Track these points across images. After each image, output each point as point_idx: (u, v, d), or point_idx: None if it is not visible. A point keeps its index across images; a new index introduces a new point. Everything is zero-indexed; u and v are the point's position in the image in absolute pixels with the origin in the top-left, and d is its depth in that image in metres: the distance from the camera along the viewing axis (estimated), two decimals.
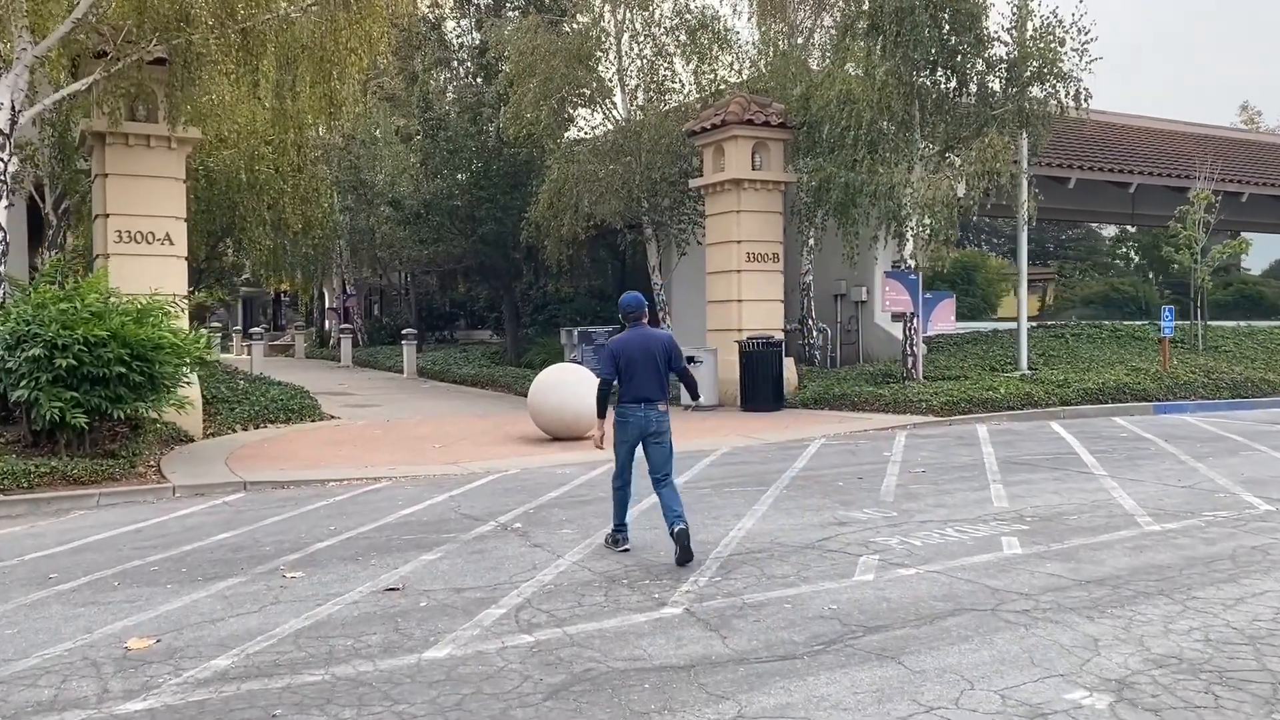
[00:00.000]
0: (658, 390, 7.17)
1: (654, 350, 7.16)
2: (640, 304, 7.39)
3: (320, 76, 13.30)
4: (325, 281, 38.96)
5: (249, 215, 16.83)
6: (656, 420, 7.15)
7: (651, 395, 7.14)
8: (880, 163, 15.62)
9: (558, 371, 13.51)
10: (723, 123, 17.19)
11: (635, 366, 7.13)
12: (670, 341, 7.34)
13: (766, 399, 16.27)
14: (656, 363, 7.15)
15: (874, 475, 10.39)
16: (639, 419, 7.15)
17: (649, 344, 7.19)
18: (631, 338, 7.22)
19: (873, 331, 21.33)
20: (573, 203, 18.50)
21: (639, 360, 7.13)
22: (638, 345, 7.18)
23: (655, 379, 7.17)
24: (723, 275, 17.65)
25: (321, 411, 15.86)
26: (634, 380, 7.14)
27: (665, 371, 7.22)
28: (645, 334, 7.26)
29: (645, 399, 7.14)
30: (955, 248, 15.62)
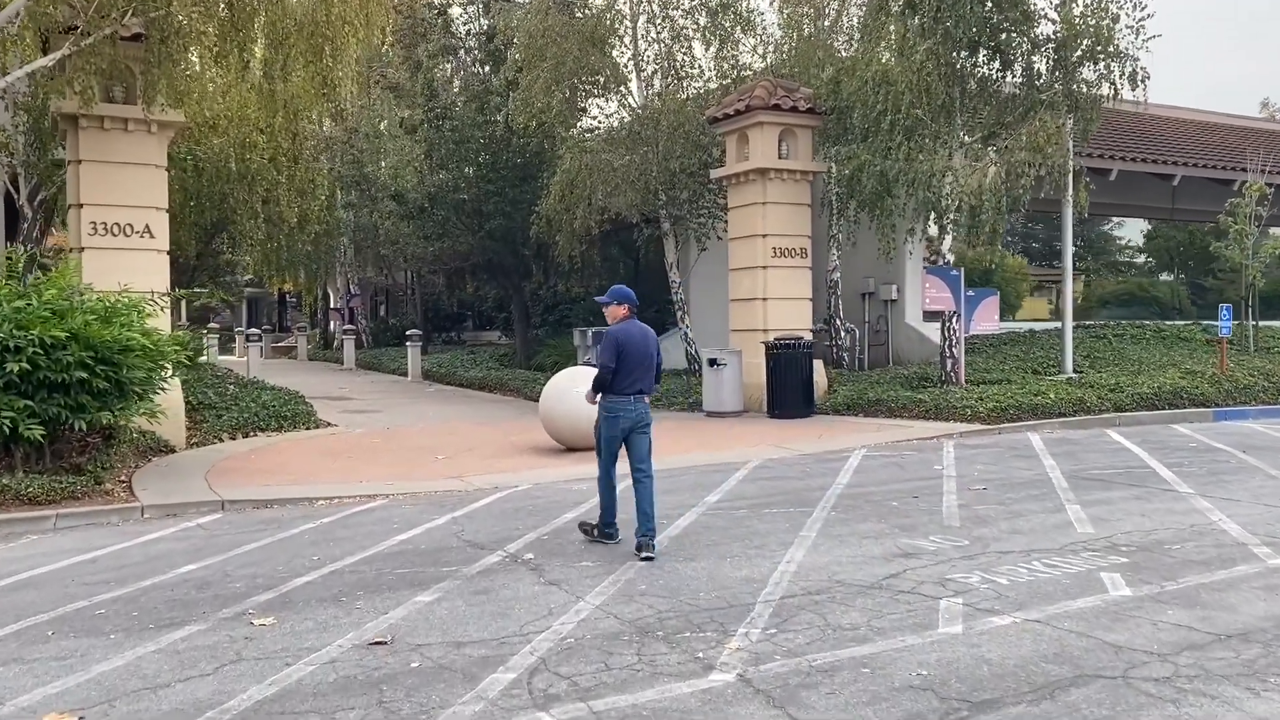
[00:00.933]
0: (650, 383, 7.39)
1: (649, 343, 7.33)
2: (634, 297, 7.58)
3: (313, 55, 12.19)
4: (330, 281, 37.93)
5: (240, 208, 15.71)
6: (646, 412, 7.37)
7: (645, 388, 7.33)
8: (919, 149, 14.45)
9: (570, 376, 12.39)
10: (747, 108, 16.04)
11: (633, 359, 7.23)
12: (655, 336, 7.51)
13: (796, 404, 15.11)
14: (651, 356, 7.31)
15: (930, 494, 9.23)
16: (632, 411, 7.27)
17: (645, 337, 7.35)
18: (632, 330, 7.32)
19: (904, 332, 20.14)
20: (585, 195, 17.37)
21: (637, 353, 7.24)
22: (638, 338, 7.30)
23: (648, 372, 7.34)
24: (746, 272, 16.50)
25: (317, 418, 14.76)
26: (633, 373, 7.24)
27: (654, 365, 7.37)
28: (641, 327, 7.38)
29: (639, 391, 7.29)
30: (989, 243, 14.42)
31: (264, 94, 12.64)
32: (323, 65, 11.98)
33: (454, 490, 10.01)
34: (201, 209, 15.88)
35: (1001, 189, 13.69)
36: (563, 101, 17.46)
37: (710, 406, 15.67)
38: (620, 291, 7.53)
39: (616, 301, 7.44)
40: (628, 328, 7.31)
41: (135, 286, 11.32)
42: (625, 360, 7.19)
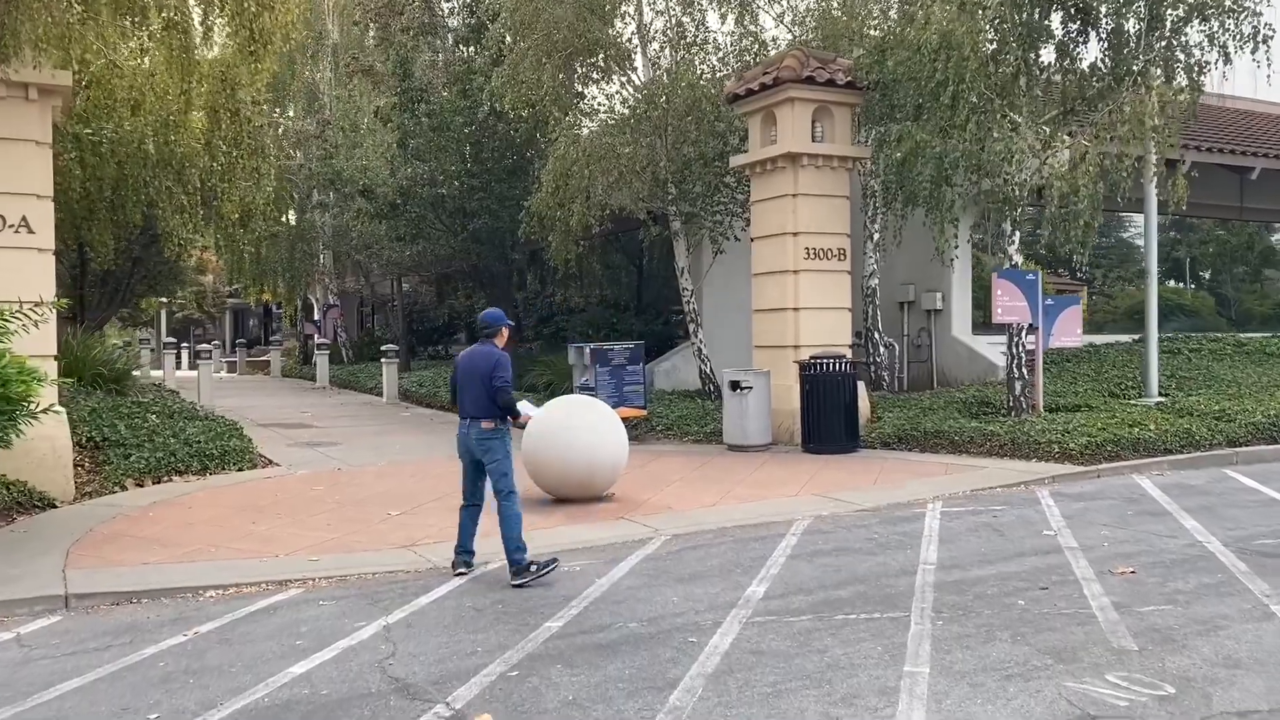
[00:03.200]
0: (475, 406, 7.13)
1: (475, 366, 7.13)
2: (497, 320, 7.41)
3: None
4: (311, 291, 35.29)
5: (162, 199, 13.05)
6: (474, 436, 7.13)
7: (473, 411, 7.13)
8: (990, 127, 11.83)
9: (563, 407, 9.73)
10: (775, 81, 13.42)
11: (462, 383, 7.19)
12: (494, 357, 7.16)
13: (837, 436, 12.46)
14: (478, 378, 7.07)
15: (1062, 581, 6.57)
16: (464, 435, 7.19)
17: (473, 359, 7.20)
18: (472, 354, 7.27)
19: (950, 347, 17.50)
20: (583, 187, 14.73)
21: (464, 377, 7.17)
22: (466, 362, 7.23)
23: (472, 395, 7.12)
24: (774, 277, 13.85)
25: (254, 455, 12.10)
26: (461, 396, 7.21)
27: (488, 387, 7.05)
28: (482, 350, 7.22)
29: (469, 415, 7.14)
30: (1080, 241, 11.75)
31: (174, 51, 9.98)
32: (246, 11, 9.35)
33: (399, 570, 7.35)
34: (122, 202, 13.23)
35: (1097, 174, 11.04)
36: (555, 77, 14.83)
37: (732, 438, 13.02)
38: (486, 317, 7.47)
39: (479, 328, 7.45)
40: (467, 351, 7.37)
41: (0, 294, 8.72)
42: (456, 385, 7.29)
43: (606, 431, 9.45)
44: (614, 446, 9.45)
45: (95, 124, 11.71)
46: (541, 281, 26.01)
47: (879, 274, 16.42)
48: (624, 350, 13.97)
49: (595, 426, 9.39)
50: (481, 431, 7.06)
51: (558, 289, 24.91)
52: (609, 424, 9.53)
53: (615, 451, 9.46)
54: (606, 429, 9.46)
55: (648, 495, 9.91)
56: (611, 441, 9.42)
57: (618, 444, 9.51)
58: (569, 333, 20.70)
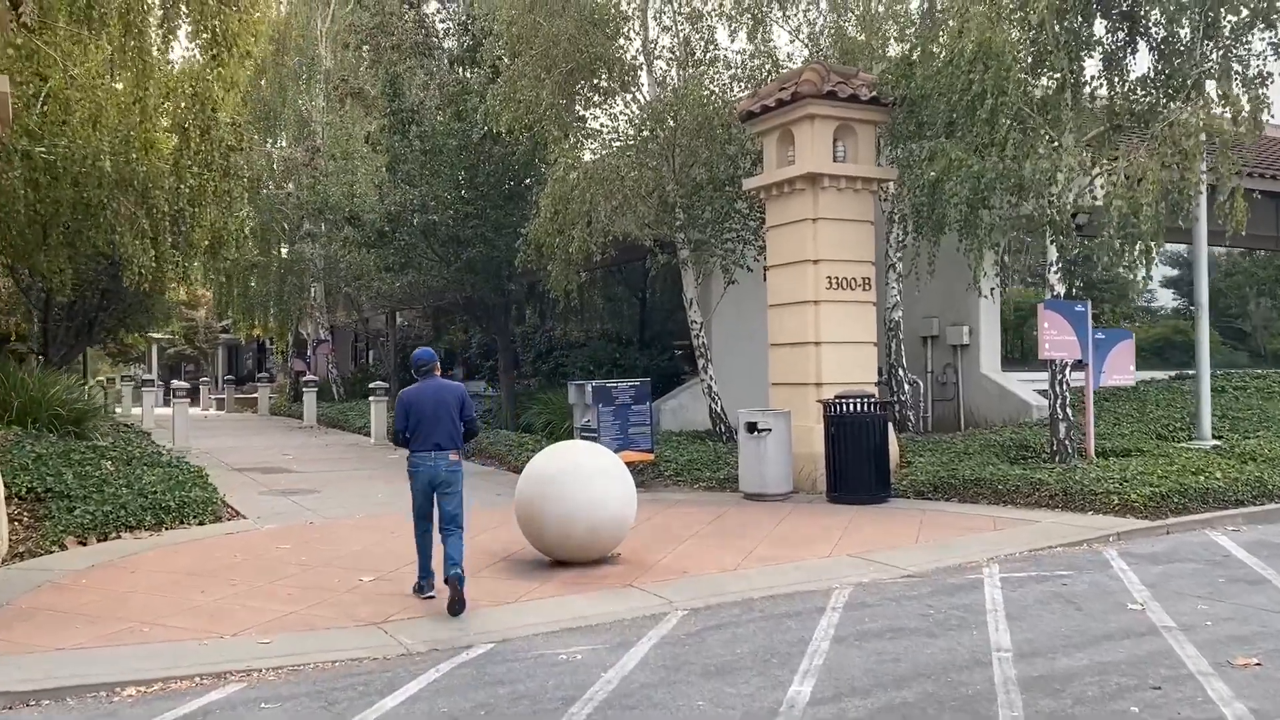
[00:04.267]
0: (447, 437, 7.30)
1: (442, 397, 7.34)
2: (432, 358, 7.64)
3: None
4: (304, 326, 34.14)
5: (120, 223, 11.84)
6: (445, 468, 7.31)
7: (444, 442, 7.29)
8: (1035, 143, 10.74)
9: (563, 455, 8.51)
10: (793, 97, 12.33)
11: (424, 416, 7.28)
12: (456, 389, 7.51)
13: (865, 485, 11.23)
14: (446, 409, 7.29)
15: (1175, 678, 5.35)
16: (430, 466, 7.30)
17: (440, 392, 7.38)
18: (424, 389, 7.42)
19: (978, 384, 16.33)
20: (584, 212, 13.60)
21: (427, 410, 7.28)
22: (428, 395, 7.35)
23: (443, 426, 7.29)
24: (792, 308, 12.70)
25: (218, 507, 10.87)
26: (425, 429, 7.27)
27: (457, 421, 7.37)
28: (436, 384, 7.46)
29: (437, 446, 7.28)
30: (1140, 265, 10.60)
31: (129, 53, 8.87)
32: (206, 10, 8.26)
33: (365, 657, 6.12)
34: (80, 227, 12.07)
35: (1159, 193, 9.89)
36: (555, 94, 13.75)
37: (750, 486, 11.79)
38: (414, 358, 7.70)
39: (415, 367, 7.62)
40: (419, 387, 7.46)
41: None
42: (415, 419, 7.32)
43: (612, 483, 8.24)
44: (620, 501, 8.24)
45: (49, 140, 10.60)
46: (541, 315, 24.87)
47: (901, 306, 15.27)
48: (629, 388, 12.77)
49: (599, 478, 8.18)
50: (450, 463, 7.37)
51: (557, 323, 23.77)
52: (615, 474, 8.32)
53: (621, 507, 8.25)
54: (612, 481, 8.25)
55: (659, 555, 8.68)
56: (617, 495, 8.21)
57: (624, 498, 8.30)
58: (569, 368, 19.53)
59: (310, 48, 26.68)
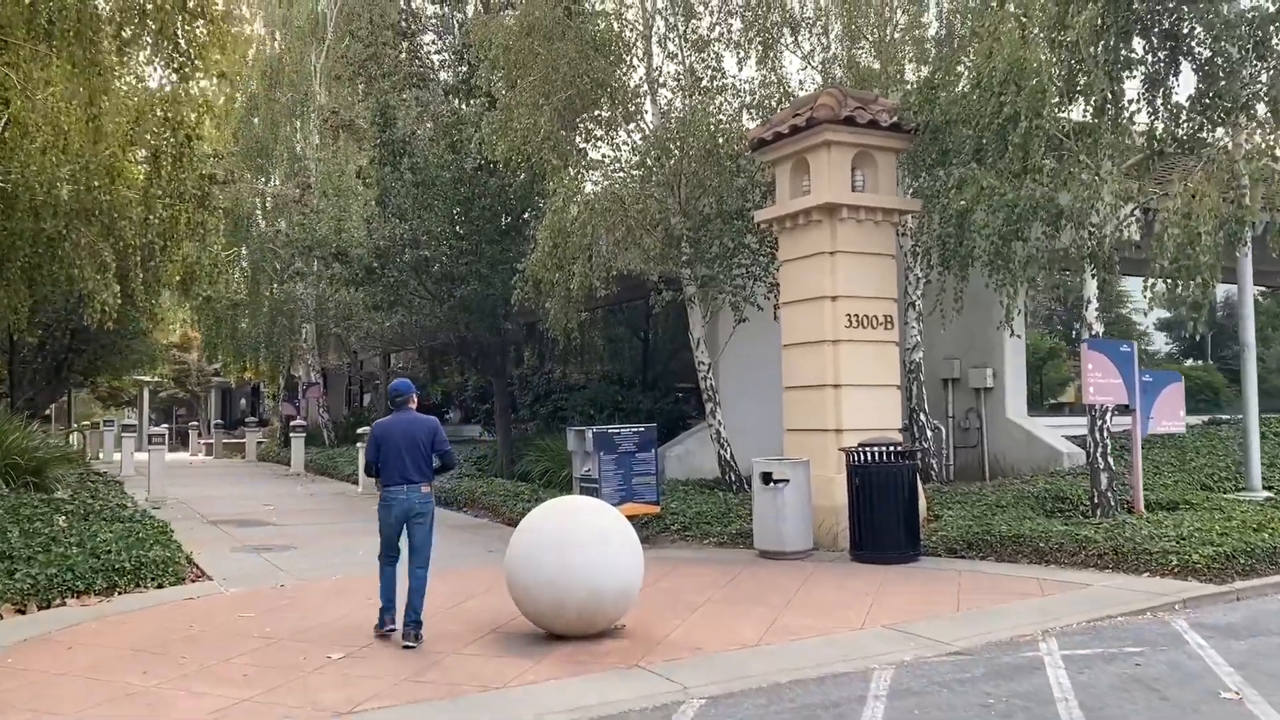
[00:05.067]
0: (417, 470, 7.36)
1: (414, 431, 7.40)
2: (409, 389, 7.67)
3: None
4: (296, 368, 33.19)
5: (79, 256, 10.90)
6: (417, 500, 7.37)
7: (414, 476, 7.35)
8: (1074, 167, 9.90)
9: (559, 514, 7.52)
10: (809, 123, 11.50)
11: (394, 449, 7.35)
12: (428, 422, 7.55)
13: (894, 542, 10.23)
14: (416, 442, 7.34)
15: None
16: (402, 500, 7.36)
17: (411, 425, 7.44)
18: (395, 421, 7.50)
19: (1003, 430, 15.36)
20: (585, 245, 12.72)
21: (397, 443, 7.35)
22: (399, 428, 7.43)
23: (413, 459, 7.34)
24: (809, 348, 11.77)
25: (181, 567, 9.85)
26: (394, 462, 7.35)
27: (428, 453, 7.41)
28: (408, 417, 7.51)
29: (406, 480, 7.34)
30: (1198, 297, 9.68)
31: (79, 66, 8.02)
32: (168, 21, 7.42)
33: None
34: (37, 261, 11.16)
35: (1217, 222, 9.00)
36: (554, 120, 12.93)
37: (765, 543, 10.79)
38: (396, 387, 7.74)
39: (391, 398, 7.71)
40: (391, 420, 7.56)
41: None
42: (385, 452, 7.39)
43: (616, 546, 7.26)
44: (625, 567, 7.25)
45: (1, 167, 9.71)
46: (540, 357, 23.95)
47: (922, 346, 14.36)
48: (632, 434, 11.81)
49: (601, 540, 7.20)
50: (422, 496, 7.40)
51: (555, 364, 22.84)
52: (619, 536, 7.34)
53: (627, 574, 7.27)
54: (616, 542, 7.27)
55: (668, 627, 7.67)
56: (622, 560, 7.23)
57: (630, 563, 7.31)
58: (569, 412, 18.56)
59: (304, 83, 26.04)
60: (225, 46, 9.31)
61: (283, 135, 27.12)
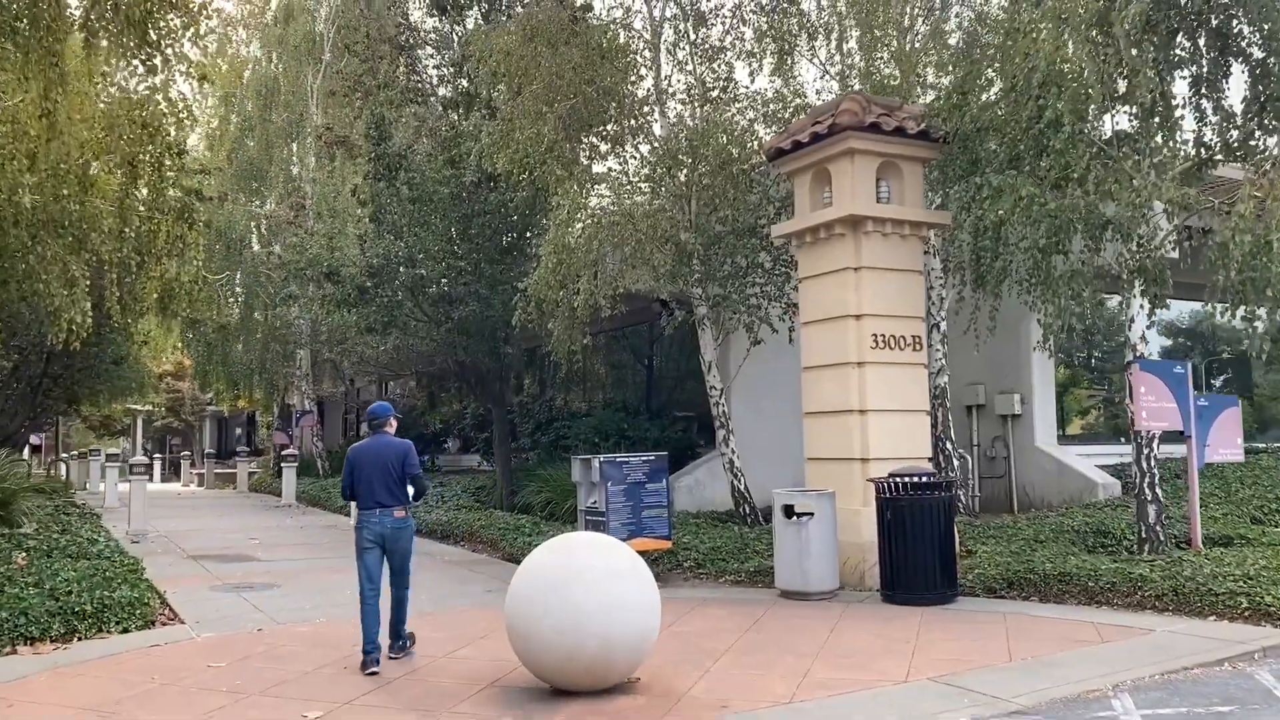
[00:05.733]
0: (388, 495, 7.34)
1: (385, 455, 7.38)
2: (386, 412, 7.73)
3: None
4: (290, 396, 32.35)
5: (46, 270, 10.09)
6: (393, 525, 7.36)
7: (385, 500, 7.34)
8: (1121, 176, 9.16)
9: (565, 553, 6.68)
10: (830, 131, 10.78)
11: (365, 474, 7.36)
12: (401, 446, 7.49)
13: (930, 581, 9.38)
14: (387, 468, 7.32)
15: None
16: (375, 524, 7.34)
17: (384, 449, 7.42)
18: (369, 445, 7.51)
19: (1033, 460, 14.54)
20: (591, 261, 11.96)
21: (369, 467, 7.35)
22: (371, 452, 7.43)
23: (383, 484, 7.33)
24: (831, 371, 10.97)
25: (150, 609, 9.00)
26: (366, 486, 7.36)
27: (400, 477, 7.38)
28: (382, 440, 7.51)
29: (379, 504, 7.33)
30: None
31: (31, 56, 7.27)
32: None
33: None
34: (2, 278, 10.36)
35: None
36: (558, 129, 12.20)
37: (788, 582, 9.92)
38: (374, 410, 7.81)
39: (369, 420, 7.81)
40: (365, 444, 7.55)
41: None
42: (358, 476, 7.40)
43: (630, 588, 6.42)
44: (640, 613, 6.41)
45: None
46: (540, 384, 23.15)
47: (948, 370, 13.56)
48: (642, 463, 10.99)
49: (614, 582, 6.36)
50: (396, 520, 7.38)
51: (557, 391, 22.04)
52: (633, 576, 6.50)
53: (642, 621, 6.42)
54: (630, 584, 6.43)
55: (688, 680, 6.82)
56: (637, 606, 6.38)
57: (646, 608, 6.47)
58: (572, 440, 17.72)
59: (300, 104, 25.45)
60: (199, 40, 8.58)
61: (278, 157, 26.48)
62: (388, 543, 7.39)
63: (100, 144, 9.55)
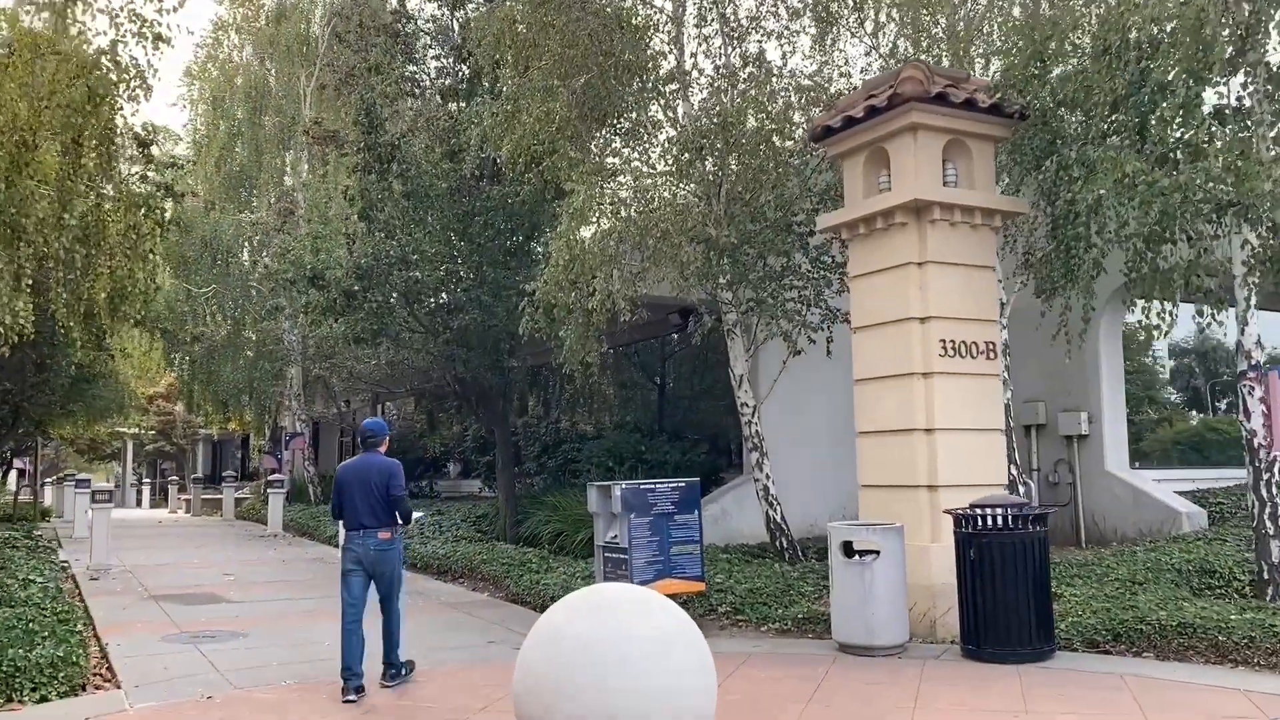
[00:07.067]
0: (370, 516, 7.07)
1: (369, 476, 7.12)
2: (379, 430, 7.48)
3: None
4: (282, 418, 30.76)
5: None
6: (375, 547, 7.07)
7: (367, 522, 7.07)
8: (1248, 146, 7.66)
9: (594, 613, 5.04)
10: (889, 103, 9.26)
11: (349, 495, 7.13)
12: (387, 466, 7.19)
13: (1023, 634, 7.78)
14: (370, 488, 7.06)
15: None
16: (358, 547, 7.10)
17: (367, 469, 7.16)
18: (355, 464, 7.29)
19: (1103, 486, 12.96)
20: (609, 258, 10.43)
21: (351, 488, 7.12)
22: (356, 471, 7.19)
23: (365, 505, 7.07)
24: (891, 383, 9.40)
25: (80, 669, 7.40)
26: (351, 508, 7.13)
27: (384, 498, 7.09)
28: (367, 459, 7.25)
29: (362, 526, 7.08)
30: None
31: None
32: None
33: None
34: None
35: None
36: (571, 106, 10.70)
37: (850, 634, 8.31)
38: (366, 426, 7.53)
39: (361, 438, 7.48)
40: (352, 462, 7.32)
41: None
42: (344, 496, 7.17)
43: (682, 663, 4.80)
44: (694, 696, 4.79)
45: None
46: (544, 404, 21.61)
47: (1010, 385, 12.00)
48: (671, 492, 9.41)
49: (660, 656, 4.75)
50: (379, 542, 7.08)
51: (563, 412, 20.50)
52: (684, 646, 4.88)
53: (697, 706, 4.80)
54: (681, 659, 4.82)
55: None
56: (691, 690, 4.77)
57: (700, 690, 4.85)
58: (582, 465, 16.17)
59: (291, 106, 24.05)
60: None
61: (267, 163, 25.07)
62: (371, 566, 7.09)
63: (35, 115, 8.07)
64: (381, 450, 7.36)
